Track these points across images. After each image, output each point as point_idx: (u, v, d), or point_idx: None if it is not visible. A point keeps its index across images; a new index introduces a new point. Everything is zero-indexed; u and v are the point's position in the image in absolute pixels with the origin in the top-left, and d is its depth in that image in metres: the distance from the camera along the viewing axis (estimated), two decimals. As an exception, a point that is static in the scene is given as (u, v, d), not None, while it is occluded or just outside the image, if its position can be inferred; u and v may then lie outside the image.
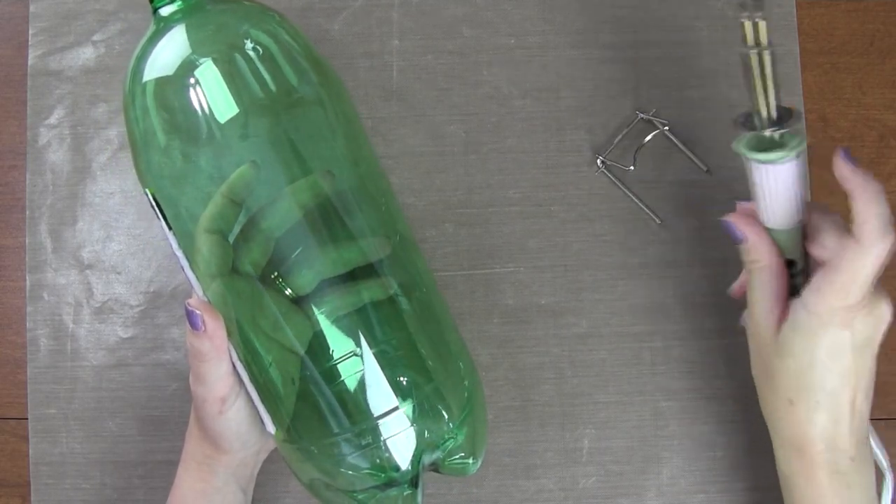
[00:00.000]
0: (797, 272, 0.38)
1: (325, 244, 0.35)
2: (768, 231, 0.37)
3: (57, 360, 0.47)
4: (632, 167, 0.48)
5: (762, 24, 0.34)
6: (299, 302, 0.35)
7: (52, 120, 0.49)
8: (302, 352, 0.34)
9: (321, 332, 0.34)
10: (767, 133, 0.36)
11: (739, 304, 0.48)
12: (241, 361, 0.36)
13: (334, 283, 0.35)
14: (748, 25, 0.34)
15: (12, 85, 0.50)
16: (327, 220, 0.36)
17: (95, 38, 0.49)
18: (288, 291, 0.35)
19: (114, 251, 0.48)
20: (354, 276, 0.35)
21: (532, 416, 0.47)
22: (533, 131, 0.48)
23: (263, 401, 0.36)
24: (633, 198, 0.48)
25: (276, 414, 0.36)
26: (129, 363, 0.47)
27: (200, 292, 0.36)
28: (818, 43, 0.50)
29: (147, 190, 0.36)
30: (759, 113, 0.36)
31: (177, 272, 0.47)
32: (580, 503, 0.46)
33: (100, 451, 0.46)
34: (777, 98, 0.36)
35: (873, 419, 0.48)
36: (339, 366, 0.34)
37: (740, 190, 0.48)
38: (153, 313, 0.47)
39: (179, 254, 0.37)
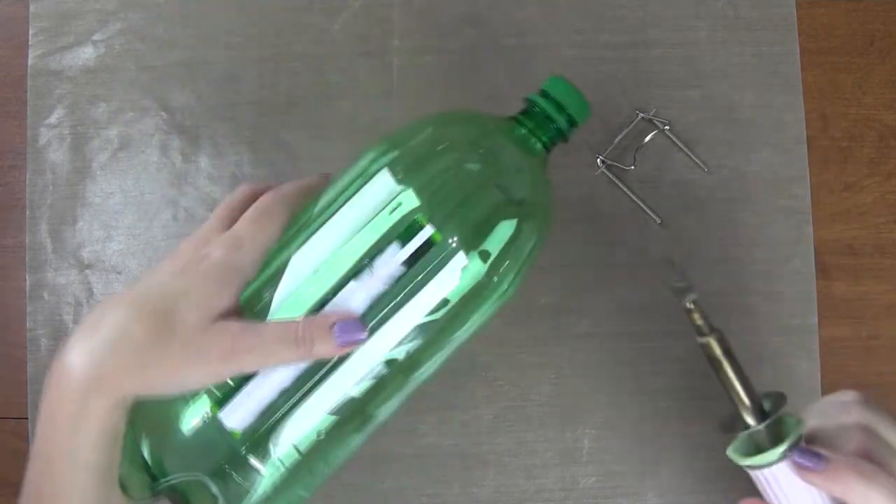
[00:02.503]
0: None
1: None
2: None
3: (57, 360, 0.47)
4: (632, 167, 0.48)
5: (698, 309, 0.35)
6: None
7: (52, 120, 0.49)
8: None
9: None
10: (751, 431, 0.34)
11: (740, 304, 0.48)
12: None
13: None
14: (693, 314, 0.35)
15: (12, 85, 0.50)
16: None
17: (95, 37, 0.49)
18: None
19: (114, 251, 0.48)
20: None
21: (532, 416, 0.47)
22: (533, 131, 0.48)
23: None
24: (634, 198, 0.48)
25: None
26: (129, 363, 0.47)
27: None
28: (818, 43, 0.50)
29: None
30: (741, 402, 0.35)
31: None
32: (580, 503, 0.46)
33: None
34: (747, 386, 0.35)
35: (873, 419, 0.48)
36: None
37: (740, 190, 0.48)
38: (153, 313, 0.47)
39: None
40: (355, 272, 0.35)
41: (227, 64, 0.49)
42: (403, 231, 0.35)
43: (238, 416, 0.34)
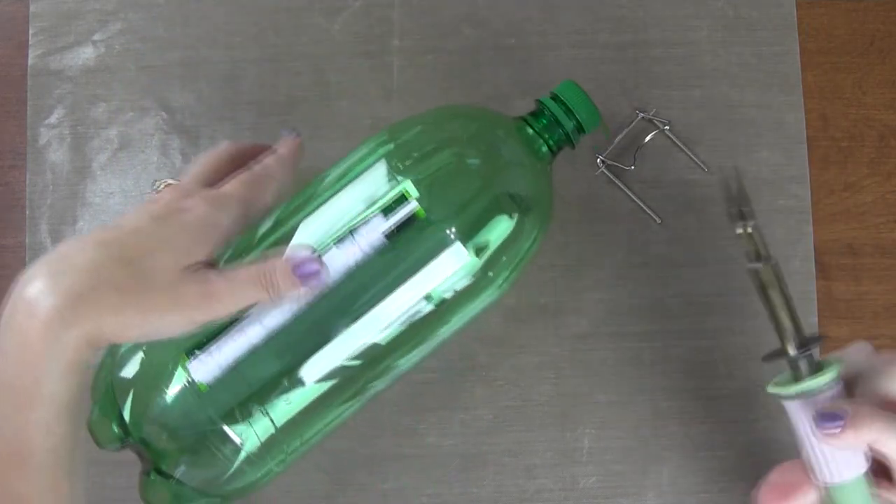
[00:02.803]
0: None
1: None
2: (829, 491, 0.33)
3: (57, 360, 0.47)
4: (632, 167, 0.48)
5: (757, 234, 0.34)
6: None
7: (52, 120, 0.49)
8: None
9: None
10: (797, 358, 0.34)
11: (740, 304, 0.48)
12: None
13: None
14: (747, 237, 0.34)
15: (12, 85, 0.50)
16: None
17: (95, 37, 0.49)
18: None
19: (114, 251, 0.48)
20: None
21: (532, 416, 0.47)
22: (533, 131, 0.48)
23: None
24: (634, 198, 0.48)
25: None
26: (129, 363, 0.47)
27: None
28: (818, 43, 0.50)
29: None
30: (785, 332, 0.34)
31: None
32: (580, 503, 0.46)
33: (100, 451, 0.46)
34: (795, 317, 0.34)
35: (873, 419, 0.48)
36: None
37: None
38: (153, 313, 0.47)
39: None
40: (339, 239, 0.35)
41: (227, 64, 0.49)
42: (390, 204, 0.36)
43: (205, 368, 0.35)
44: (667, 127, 0.48)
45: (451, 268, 0.36)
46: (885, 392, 0.33)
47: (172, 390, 0.35)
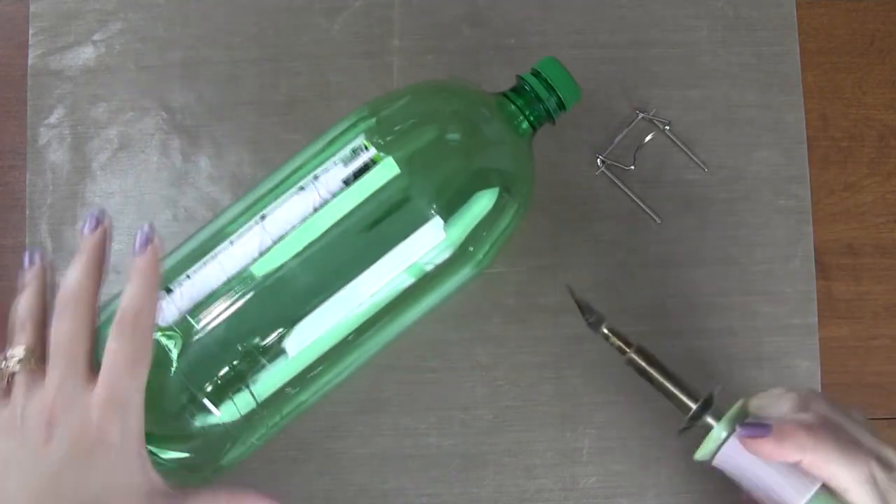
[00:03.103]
0: None
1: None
2: None
3: (57, 360, 0.47)
4: (632, 167, 0.48)
5: (614, 332, 0.38)
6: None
7: (52, 120, 0.49)
8: None
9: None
10: (692, 422, 0.35)
11: (740, 304, 0.48)
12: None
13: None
14: (610, 339, 0.38)
15: (12, 85, 0.50)
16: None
17: (95, 37, 0.49)
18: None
19: (114, 251, 0.47)
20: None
21: (532, 416, 0.47)
22: (533, 131, 0.48)
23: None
24: (633, 198, 0.48)
25: None
26: (129, 363, 0.47)
27: None
28: (818, 43, 0.50)
29: None
30: (677, 402, 0.36)
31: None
32: (580, 503, 0.46)
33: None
34: (681, 383, 0.36)
35: (875, 418, 0.48)
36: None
37: (740, 190, 0.48)
38: (153, 313, 0.47)
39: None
40: (301, 187, 0.37)
41: (227, 64, 0.49)
42: (350, 153, 0.37)
43: (166, 312, 0.35)
44: (667, 127, 0.48)
45: (431, 242, 0.36)
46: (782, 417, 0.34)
47: (163, 375, 0.35)
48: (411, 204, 0.36)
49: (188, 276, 0.36)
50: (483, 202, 0.37)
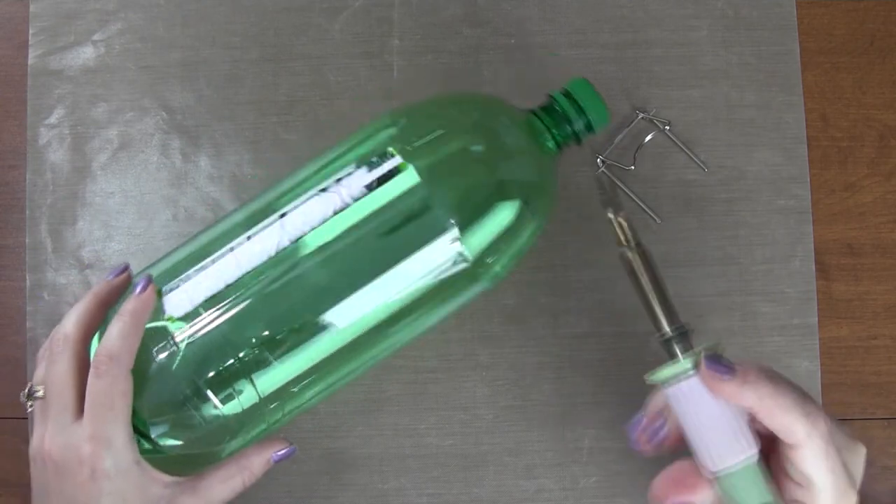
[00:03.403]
0: None
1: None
2: (718, 482, 0.32)
3: (57, 360, 0.47)
4: (632, 167, 0.48)
5: (625, 223, 0.35)
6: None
7: (52, 120, 0.49)
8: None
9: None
10: (663, 341, 0.34)
11: (740, 304, 0.48)
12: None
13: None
14: (613, 224, 0.36)
15: (12, 85, 0.50)
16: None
17: (95, 37, 0.49)
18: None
19: (114, 251, 0.48)
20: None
21: (532, 416, 0.47)
22: (533, 131, 0.48)
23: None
24: (633, 198, 0.48)
25: None
26: (129, 363, 0.47)
27: None
28: (818, 42, 0.50)
29: None
30: (656, 315, 0.34)
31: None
32: (580, 503, 0.46)
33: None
34: (666, 300, 0.34)
35: (875, 418, 0.48)
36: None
37: (740, 190, 0.48)
38: (153, 313, 0.47)
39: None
40: (323, 189, 0.36)
41: (227, 64, 0.49)
42: (374, 159, 0.36)
43: (178, 302, 0.35)
44: (667, 127, 0.48)
45: (449, 252, 0.36)
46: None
47: (167, 367, 0.35)
48: (431, 213, 0.36)
49: (203, 267, 0.36)
50: (503, 215, 0.37)
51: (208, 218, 0.48)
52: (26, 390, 0.36)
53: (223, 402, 0.35)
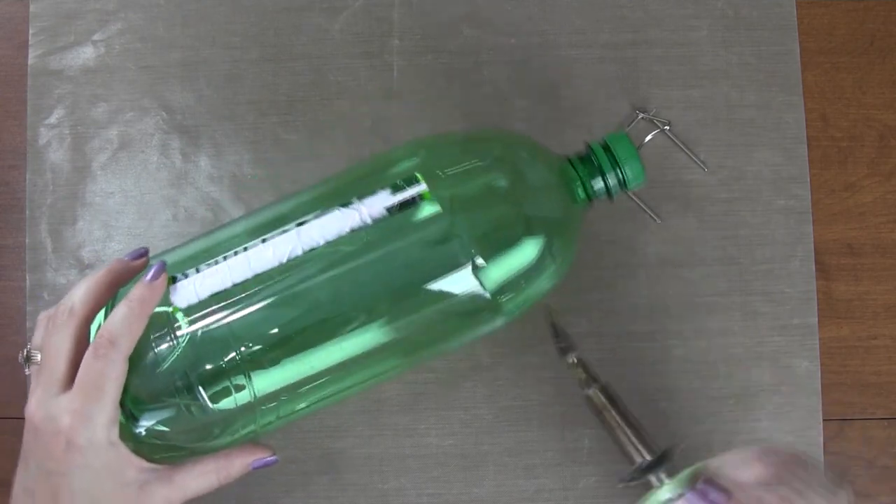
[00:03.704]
0: None
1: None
2: None
3: (57, 360, 0.47)
4: (632, 167, 0.48)
5: (583, 363, 0.36)
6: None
7: (52, 120, 0.49)
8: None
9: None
10: (639, 479, 0.33)
11: (740, 304, 0.48)
12: None
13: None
14: (574, 367, 0.36)
15: (12, 85, 0.50)
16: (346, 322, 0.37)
17: (95, 37, 0.49)
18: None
19: (114, 251, 0.48)
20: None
21: (532, 416, 0.47)
22: (533, 131, 0.48)
23: None
24: (633, 197, 0.48)
25: None
26: (129, 363, 0.47)
27: None
28: (818, 42, 0.50)
29: None
30: (628, 452, 0.34)
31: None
32: (580, 503, 0.46)
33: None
34: (640, 435, 0.34)
35: (875, 419, 0.48)
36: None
37: (740, 190, 0.48)
38: (153, 313, 0.47)
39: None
40: (344, 203, 0.36)
41: (227, 64, 0.49)
42: (400, 183, 0.36)
43: (185, 293, 0.35)
44: (667, 127, 0.48)
45: (465, 285, 0.36)
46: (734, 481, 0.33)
47: (164, 359, 0.35)
48: (451, 244, 0.36)
49: (215, 262, 0.36)
50: (523, 254, 0.37)
51: (208, 218, 0.48)
52: (24, 352, 0.36)
53: (215, 397, 0.35)
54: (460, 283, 0.36)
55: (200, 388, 0.35)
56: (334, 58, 0.49)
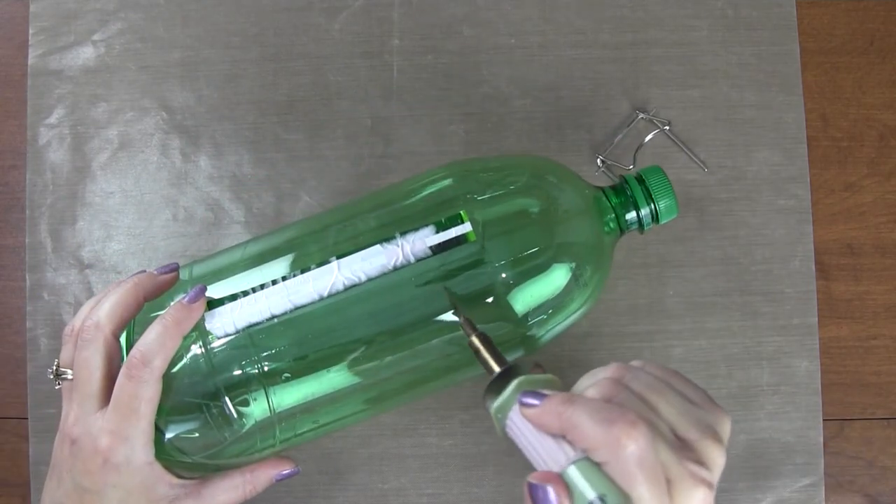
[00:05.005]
0: None
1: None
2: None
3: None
4: (632, 167, 0.48)
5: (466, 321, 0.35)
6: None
7: (52, 120, 0.49)
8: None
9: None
10: (495, 376, 0.34)
11: (740, 304, 0.48)
12: None
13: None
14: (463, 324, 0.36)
15: (12, 85, 0.50)
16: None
17: (95, 37, 0.49)
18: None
19: (114, 251, 0.48)
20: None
21: (532, 415, 0.47)
22: (533, 131, 0.48)
23: None
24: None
25: None
26: (129, 363, 0.47)
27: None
28: (818, 42, 0.50)
29: None
30: (486, 363, 0.35)
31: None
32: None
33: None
34: (498, 356, 0.35)
35: (875, 418, 0.48)
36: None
37: (740, 190, 0.48)
38: (153, 313, 0.47)
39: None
40: (386, 239, 0.36)
41: (227, 64, 0.49)
42: (444, 221, 0.36)
43: (220, 321, 0.35)
44: (667, 127, 0.48)
45: (493, 313, 0.36)
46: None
47: (190, 373, 0.35)
48: (482, 270, 0.36)
49: (252, 291, 0.36)
50: (553, 283, 0.37)
51: (208, 218, 0.48)
52: (54, 368, 0.36)
53: (241, 416, 0.35)
54: (489, 309, 0.36)
55: (229, 405, 0.35)
56: (334, 58, 0.49)
